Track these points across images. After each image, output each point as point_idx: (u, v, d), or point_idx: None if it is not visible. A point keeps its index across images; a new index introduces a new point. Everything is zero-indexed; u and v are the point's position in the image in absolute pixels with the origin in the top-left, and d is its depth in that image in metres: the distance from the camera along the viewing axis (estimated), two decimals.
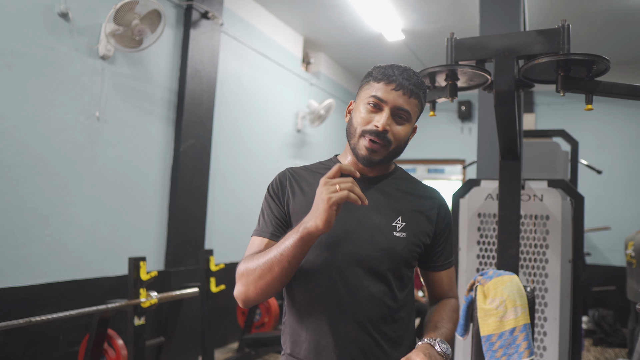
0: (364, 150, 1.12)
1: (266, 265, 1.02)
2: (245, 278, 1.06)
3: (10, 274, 2.75)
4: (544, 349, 2.32)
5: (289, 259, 1.00)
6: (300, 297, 1.14)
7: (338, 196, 0.96)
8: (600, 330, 5.47)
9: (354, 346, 1.10)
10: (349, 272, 1.10)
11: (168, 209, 3.92)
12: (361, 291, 1.10)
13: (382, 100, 1.11)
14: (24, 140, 2.83)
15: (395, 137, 1.12)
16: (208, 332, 3.51)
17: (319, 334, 1.11)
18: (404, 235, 1.14)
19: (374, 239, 1.12)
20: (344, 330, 1.10)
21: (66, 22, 3.07)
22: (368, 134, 1.11)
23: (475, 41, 1.76)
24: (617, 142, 6.43)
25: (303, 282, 1.14)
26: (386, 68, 1.14)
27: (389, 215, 1.15)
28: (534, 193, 2.33)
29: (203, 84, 4.17)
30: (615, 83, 1.58)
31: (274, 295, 1.09)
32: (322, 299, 1.11)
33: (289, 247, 1.00)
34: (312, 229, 0.97)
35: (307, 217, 1.00)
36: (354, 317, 1.10)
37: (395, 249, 1.12)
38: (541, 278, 2.32)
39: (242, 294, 1.08)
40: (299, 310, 1.14)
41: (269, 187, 1.21)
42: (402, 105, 1.11)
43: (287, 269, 1.02)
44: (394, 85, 1.11)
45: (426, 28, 5.46)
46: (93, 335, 2.60)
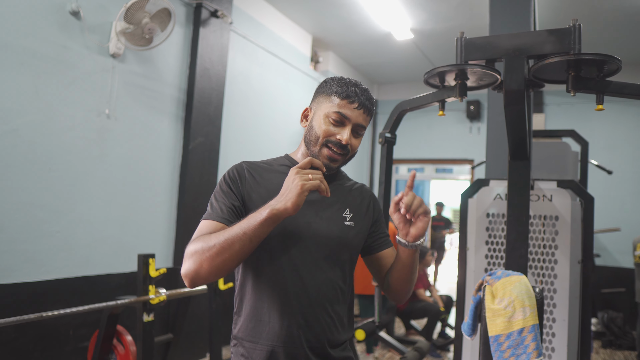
0: (325, 160, 1.25)
1: (227, 242, 1.06)
2: (199, 255, 1.08)
3: (21, 270, 2.79)
4: (552, 350, 2.31)
5: (251, 237, 1.06)
6: (264, 282, 1.21)
7: (311, 184, 1.08)
8: (610, 333, 5.42)
9: (316, 325, 1.21)
10: (309, 258, 1.22)
11: (177, 206, 3.94)
12: (320, 275, 1.23)
13: (345, 117, 1.24)
14: (35, 137, 2.86)
15: (352, 148, 1.27)
16: (216, 330, 3.53)
17: (285, 317, 1.18)
18: (353, 224, 1.30)
19: (330, 228, 1.26)
20: (308, 312, 1.20)
21: (77, 20, 3.09)
22: (332, 145, 1.24)
23: (485, 40, 1.75)
24: (627, 142, 6.37)
25: (268, 268, 1.21)
26: (348, 85, 1.27)
27: (339, 207, 1.30)
28: (543, 193, 2.32)
29: (212, 82, 4.19)
30: (627, 83, 1.57)
31: (225, 274, 1.12)
32: (286, 284, 1.20)
33: (254, 225, 1.06)
34: (281, 209, 1.06)
35: (275, 200, 1.08)
36: (315, 299, 1.21)
37: (347, 237, 1.28)
38: (550, 279, 2.31)
39: (192, 272, 1.09)
40: (262, 296, 1.21)
41: (224, 176, 1.27)
42: (362, 122, 1.27)
43: (248, 246, 1.07)
44: (357, 104, 1.25)
45: (435, 27, 5.44)
46: (102, 331, 2.62)
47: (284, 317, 1.19)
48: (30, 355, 2.82)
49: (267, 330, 1.19)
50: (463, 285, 2.39)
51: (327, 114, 1.25)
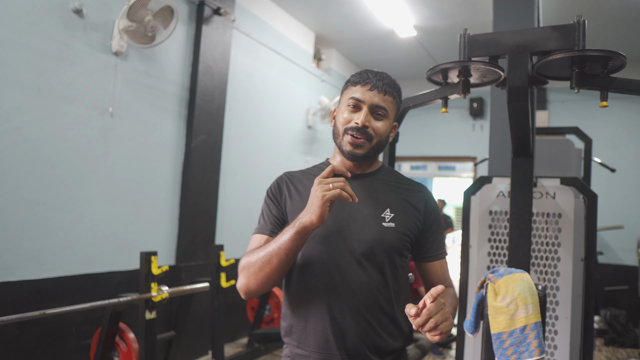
0: (348, 146, 1.23)
1: (265, 258, 1.12)
2: (247, 271, 1.16)
3: (24, 267, 2.79)
4: (554, 347, 2.31)
5: (286, 252, 1.09)
6: (299, 288, 1.22)
7: (331, 194, 1.06)
8: (612, 330, 5.41)
9: (352, 332, 1.17)
10: (342, 262, 1.19)
11: (179, 204, 3.94)
12: (355, 279, 1.18)
13: (360, 100, 1.23)
14: (38, 135, 2.86)
15: (375, 132, 1.23)
16: (218, 327, 3.54)
17: (319, 323, 1.18)
18: (393, 225, 1.22)
19: (364, 230, 1.21)
20: (342, 318, 1.17)
21: (80, 18, 3.09)
22: (350, 131, 1.22)
23: (488, 37, 1.74)
24: (631, 140, 6.34)
25: (301, 275, 1.22)
26: (361, 73, 1.27)
27: (377, 207, 1.24)
28: (546, 191, 2.31)
29: (215, 80, 4.18)
30: (632, 80, 1.56)
31: (273, 286, 1.17)
32: (319, 289, 1.19)
33: (286, 240, 1.09)
34: (307, 223, 1.07)
35: (303, 213, 1.09)
36: (350, 305, 1.17)
37: (384, 238, 1.21)
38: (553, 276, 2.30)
39: (244, 286, 1.18)
40: (299, 302, 1.22)
41: (267, 190, 1.32)
42: (379, 102, 1.23)
43: (285, 261, 1.10)
44: (369, 86, 1.23)
45: (438, 24, 5.42)
46: (105, 328, 2.62)
47: (319, 323, 1.18)
48: (33, 352, 2.83)
49: (305, 335, 1.20)
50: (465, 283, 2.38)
51: (344, 103, 1.26)
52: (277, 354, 4.37)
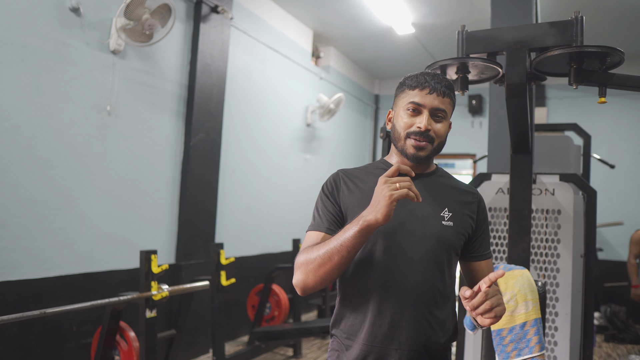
0: (412, 149, 1.26)
1: (326, 254, 1.13)
2: (305, 267, 1.17)
3: (23, 267, 2.79)
4: (555, 344, 2.31)
5: (348, 249, 1.11)
6: (359, 283, 1.24)
7: (399, 194, 1.08)
8: (613, 327, 5.42)
9: (410, 328, 1.20)
10: (403, 259, 1.22)
11: (179, 202, 3.94)
12: (415, 276, 1.21)
13: (420, 105, 1.25)
14: (36, 134, 2.86)
15: (436, 134, 1.26)
16: (218, 325, 3.54)
17: (378, 317, 1.20)
18: (452, 224, 1.26)
19: (425, 228, 1.24)
20: (401, 313, 1.20)
21: (77, 16, 3.08)
22: (413, 135, 1.25)
23: (486, 34, 1.74)
24: (630, 136, 6.34)
25: (361, 270, 1.24)
26: (418, 76, 1.29)
27: (437, 206, 1.27)
28: (545, 187, 2.31)
29: (213, 78, 4.18)
30: (630, 75, 1.56)
31: (330, 283, 1.20)
32: (380, 285, 1.21)
33: (349, 237, 1.10)
34: (372, 221, 1.08)
35: (367, 211, 1.10)
36: (410, 301, 1.20)
37: (444, 236, 1.24)
38: (552, 273, 2.31)
39: (302, 282, 1.19)
40: (358, 297, 1.24)
41: (323, 186, 1.34)
42: (439, 105, 1.26)
43: (346, 257, 1.12)
44: (428, 89, 1.25)
45: (437, 21, 5.42)
46: (105, 327, 2.63)
47: (377, 317, 1.20)
48: (34, 351, 2.83)
49: (362, 329, 1.22)
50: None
51: (403, 107, 1.28)
52: (278, 351, 4.38)
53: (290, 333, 3.68)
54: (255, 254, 4.94)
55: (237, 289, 4.50)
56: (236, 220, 4.66)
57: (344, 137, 6.87)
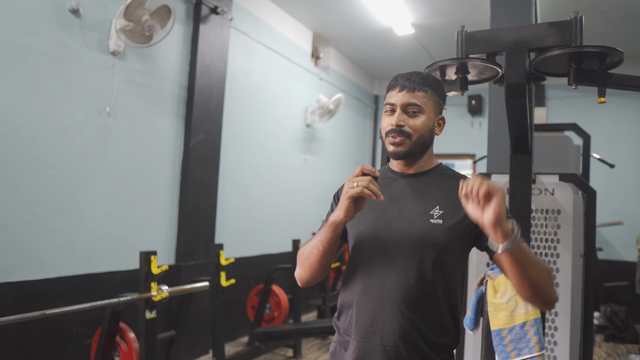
0: (390, 147, 1.32)
1: (309, 249, 1.30)
2: (299, 260, 1.35)
3: (24, 268, 2.79)
4: (554, 343, 2.31)
5: (323, 243, 1.26)
6: (350, 280, 1.32)
7: (353, 191, 1.16)
8: (612, 326, 5.42)
9: (391, 325, 1.22)
10: (386, 257, 1.26)
11: (178, 203, 3.94)
12: (397, 274, 1.24)
13: (392, 104, 1.32)
14: (36, 135, 2.86)
15: (412, 128, 1.29)
16: (218, 326, 3.54)
17: (362, 313, 1.26)
18: (440, 222, 1.25)
19: (411, 226, 1.26)
20: (382, 310, 1.23)
21: (77, 18, 3.09)
22: (389, 134, 1.31)
23: (486, 34, 1.74)
24: (630, 136, 6.35)
25: (352, 267, 1.32)
26: (394, 78, 1.36)
27: (427, 205, 1.28)
28: (545, 187, 2.32)
29: (213, 79, 4.18)
30: (629, 75, 1.56)
31: (322, 276, 1.35)
32: (366, 281, 1.27)
33: (322, 233, 1.26)
34: (336, 218, 1.21)
35: (335, 210, 1.24)
36: (391, 298, 1.23)
37: (431, 235, 1.24)
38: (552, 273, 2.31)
39: (297, 274, 1.37)
40: (349, 292, 1.32)
41: (335, 194, 1.47)
42: (409, 100, 1.30)
43: (323, 252, 1.27)
44: (398, 87, 1.32)
45: (436, 22, 5.42)
46: (105, 328, 2.62)
47: (361, 313, 1.26)
48: (34, 353, 2.83)
49: (351, 324, 1.29)
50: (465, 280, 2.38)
51: (384, 110, 1.36)
52: (278, 352, 4.37)
53: (290, 333, 3.68)
54: (255, 254, 4.94)
55: (237, 290, 4.50)
56: (236, 220, 4.66)
57: (343, 138, 6.87)
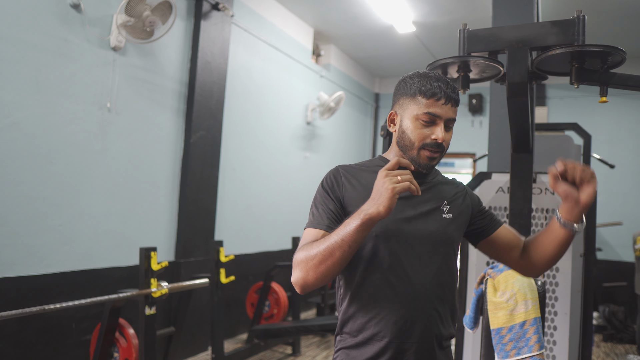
0: (425, 160, 1.25)
1: (327, 250, 1.10)
2: (305, 264, 1.14)
3: (23, 263, 2.79)
4: (554, 343, 2.31)
5: (349, 244, 1.09)
6: (368, 282, 1.23)
7: (401, 186, 1.07)
8: (611, 326, 5.43)
9: (422, 322, 1.22)
10: (412, 254, 1.23)
11: (178, 200, 3.94)
12: (424, 270, 1.23)
13: (437, 116, 1.23)
14: (36, 130, 2.85)
15: (447, 142, 1.26)
16: (218, 323, 3.54)
17: (391, 313, 1.21)
18: (451, 216, 1.30)
19: (429, 222, 1.26)
20: (414, 308, 1.21)
21: (78, 13, 3.08)
22: (429, 147, 1.23)
23: (488, 32, 1.73)
24: (630, 136, 6.35)
25: (370, 268, 1.23)
26: (431, 82, 1.24)
27: (436, 201, 1.30)
28: (545, 186, 2.32)
29: (213, 76, 4.17)
30: (632, 75, 1.56)
31: (330, 279, 1.17)
32: (390, 282, 1.22)
33: (350, 232, 1.08)
34: (374, 214, 1.07)
35: (367, 205, 1.09)
36: (421, 295, 1.22)
37: (446, 230, 1.28)
38: (552, 272, 2.31)
39: (301, 280, 1.16)
40: (368, 296, 1.23)
41: (322, 182, 1.31)
42: (452, 116, 1.25)
43: (347, 252, 1.10)
44: (444, 100, 1.22)
45: (438, 20, 5.41)
46: (105, 324, 2.63)
47: (390, 313, 1.21)
48: (33, 348, 2.83)
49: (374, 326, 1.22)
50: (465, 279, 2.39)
51: (417, 116, 1.24)
52: (277, 349, 4.38)
53: (289, 331, 3.69)
54: (255, 251, 4.94)
55: (236, 287, 4.50)
56: (236, 218, 4.66)
57: (344, 136, 6.86)
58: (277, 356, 4.22)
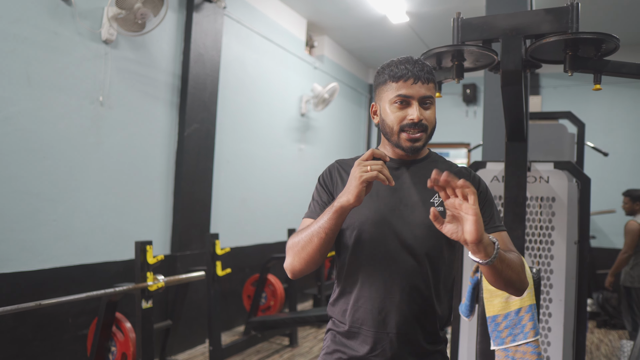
0: (407, 143, 1.26)
1: (307, 237, 1.19)
2: (292, 250, 1.23)
3: (19, 259, 2.78)
4: (548, 329, 2.33)
5: (325, 231, 1.16)
6: (351, 270, 1.27)
7: (368, 175, 1.10)
8: (604, 313, 5.49)
9: (399, 313, 1.22)
10: (393, 245, 1.23)
11: (173, 193, 3.93)
12: (404, 262, 1.23)
13: (408, 97, 1.24)
14: (28, 125, 2.83)
15: (428, 121, 1.26)
16: (214, 316, 3.55)
17: (369, 302, 1.24)
18: (442, 209, 1.24)
19: (415, 214, 1.24)
20: (390, 299, 1.22)
21: (68, 5, 3.04)
22: (407, 128, 1.25)
23: (481, 21, 1.73)
24: (624, 124, 6.37)
25: (353, 257, 1.27)
26: (398, 66, 1.27)
27: (427, 192, 1.27)
28: (540, 175, 2.32)
29: (207, 68, 4.15)
30: (625, 62, 1.56)
31: (316, 266, 1.24)
32: (370, 270, 1.24)
33: (326, 220, 1.15)
34: (344, 203, 1.12)
35: (341, 194, 1.15)
36: (398, 287, 1.22)
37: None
38: (547, 260, 2.33)
39: (290, 265, 1.25)
40: (351, 282, 1.28)
41: (319, 177, 1.38)
42: (425, 93, 1.25)
43: (325, 240, 1.16)
44: (412, 79, 1.24)
45: (431, 10, 5.39)
46: (101, 318, 2.63)
47: (368, 302, 1.24)
48: (30, 343, 2.83)
49: (355, 314, 1.25)
50: (461, 267, 2.40)
51: (390, 100, 1.26)
52: (274, 341, 4.40)
53: (286, 322, 3.70)
54: (251, 244, 4.94)
55: (232, 279, 4.51)
56: (231, 210, 4.66)
57: (338, 127, 6.85)
58: (275, 347, 4.24)
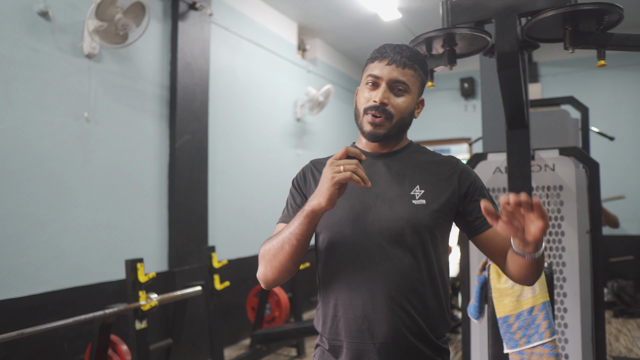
0: (368, 127, 1.17)
1: (278, 244, 1.09)
2: (264, 259, 1.14)
3: (7, 285, 2.67)
4: (565, 326, 2.21)
5: (297, 237, 1.06)
6: (328, 276, 1.17)
7: (341, 176, 1.00)
8: (621, 302, 5.34)
9: (385, 320, 1.10)
10: (371, 246, 1.12)
11: (167, 207, 3.82)
12: (386, 263, 1.11)
13: (377, 77, 1.16)
14: (11, 145, 2.73)
15: (395, 108, 1.16)
16: (215, 331, 3.43)
17: (350, 311, 1.12)
18: (424, 202, 1.14)
19: (393, 209, 1.14)
20: (373, 304, 1.10)
21: (47, 21, 2.95)
22: (369, 110, 1.16)
23: (473, 1, 1.62)
24: (628, 108, 6.22)
25: (329, 262, 1.17)
26: (380, 47, 1.20)
27: (406, 185, 1.17)
28: (545, 163, 2.20)
29: (195, 77, 4.05)
30: (630, 34, 1.45)
31: (290, 275, 1.14)
32: (348, 276, 1.13)
33: (297, 225, 1.06)
34: (315, 206, 1.03)
35: (312, 196, 1.05)
36: (382, 290, 1.10)
37: (415, 217, 1.12)
38: (558, 252, 2.20)
39: (262, 275, 1.17)
40: (329, 291, 1.17)
41: (293, 179, 1.30)
42: (397, 77, 1.15)
43: (296, 246, 1.07)
44: (387, 60, 1.16)
45: (423, 5, 5.29)
46: (95, 342, 2.51)
47: (349, 311, 1.12)
48: None
49: (337, 325, 1.15)
50: (467, 266, 2.28)
51: (363, 81, 1.20)
52: (281, 352, 4.27)
53: (291, 333, 3.58)
54: (252, 254, 4.82)
55: (235, 292, 4.39)
56: (230, 221, 4.55)
57: (335, 130, 6.75)
58: (282, 359, 4.11)
